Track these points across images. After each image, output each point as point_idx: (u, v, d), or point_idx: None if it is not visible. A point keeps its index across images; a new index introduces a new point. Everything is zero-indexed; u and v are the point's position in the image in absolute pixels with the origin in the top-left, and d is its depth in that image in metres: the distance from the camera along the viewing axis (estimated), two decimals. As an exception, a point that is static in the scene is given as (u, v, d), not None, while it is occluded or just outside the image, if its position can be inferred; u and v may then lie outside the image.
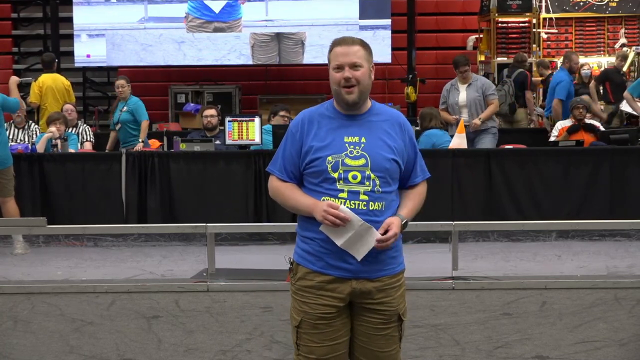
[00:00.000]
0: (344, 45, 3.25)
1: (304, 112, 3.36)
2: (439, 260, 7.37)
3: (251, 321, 5.90)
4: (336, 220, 3.13)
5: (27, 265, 7.85)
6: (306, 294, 3.31)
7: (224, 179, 8.70)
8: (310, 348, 3.30)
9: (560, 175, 8.71)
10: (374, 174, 3.21)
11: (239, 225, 8.18)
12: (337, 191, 3.20)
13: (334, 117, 3.29)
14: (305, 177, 3.29)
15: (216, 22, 15.20)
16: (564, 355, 5.10)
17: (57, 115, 9.66)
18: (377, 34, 14.89)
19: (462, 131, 9.06)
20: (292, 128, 3.32)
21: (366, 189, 3.20)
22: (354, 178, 3.20)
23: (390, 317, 3.31)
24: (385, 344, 3.31)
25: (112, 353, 5.24)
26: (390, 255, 3.30)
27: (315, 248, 3.27)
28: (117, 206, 8.66)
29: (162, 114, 15.49)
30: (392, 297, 3.30)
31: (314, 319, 3.28)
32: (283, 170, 3.32)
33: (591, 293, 6.52)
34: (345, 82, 3.21)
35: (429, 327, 5.70)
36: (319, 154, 3.22)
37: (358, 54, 3.24)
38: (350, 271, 3.23)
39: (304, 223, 3.31)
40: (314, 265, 3.28)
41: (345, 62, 3.22)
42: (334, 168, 3.20)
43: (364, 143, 3.24)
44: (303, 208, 3.26)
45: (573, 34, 15.56)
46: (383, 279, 3.28)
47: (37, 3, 16.54)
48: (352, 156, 3.22)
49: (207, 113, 9.63)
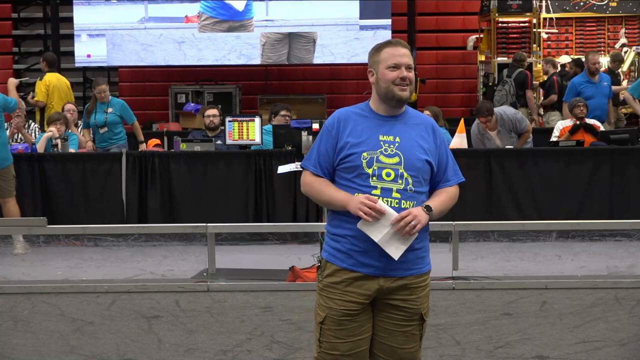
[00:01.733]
0: (397, 47, 3.39)
1: (339, 110, 3.45)
2: (439, 260, 7.30)
3: (251, 321, 5.90)
4: (372, 212, 3.18)
5: (27, 265, 7.85)
6: (333, 291, 3.34)
7: (225, 179, 8.70)
8: (333, 344, 3.35)
9: (560, 176, 8.71)
10: (407, 173, 3.29)
11: (239, 225, 8.19)
12: (370, 187, 3.27)
13: (369, 117, 3.39)
14: (339, 173, 3.35)
15: (232, 22, 15.19)
16: (564, 355, 5.10)
17: (58, 115, 9.66)
18: (377, 34, 14.88)
19: (462, 131, 9.06)
20: (328, 125, 3.40)
21: (399, 187, 3.28)
22: (387, 175, 3.28)
23: (412, 315, 3.36)
24: (405, 341, 3.38)
25: (112, 353, 5.24)
26: (419, 255, 3.35)
27: (345, 246, 3.31)
28: (117, 206, 8.66)
29: (162, 114, 15.50)
30: (416, 296, 3.36)
31: (339, 315, 3.33)
32: (317, 166, 3.38)
33: (591, 293, 6.52)
34: (401, 80, 3.34)
35: (429, 327, 5.62)
36: (355, 149, 3.30)
37: (410, 57, 3.40)
38: (379, 269, 3.29)
39: (334, 221, 3.36)
40: (343, 263, 3.32)
41: (402, 63, 3.36)
42: (369, 164, 3.28)
43: (398, 142, 3.33)
44: (337, 202, 3.31)
45: (573, 34, 15.57)
46: (409, 278, 3.34)
47: (37, 3, 16.54)
48: (386, 154, 3.30)
49: (210, 113, 9.63)
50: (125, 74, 16.41)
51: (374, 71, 3.40)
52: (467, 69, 16.07)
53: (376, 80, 3.39)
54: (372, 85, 3.43)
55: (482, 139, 9.56)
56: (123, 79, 16.47)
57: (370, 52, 3.46)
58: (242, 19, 15.20)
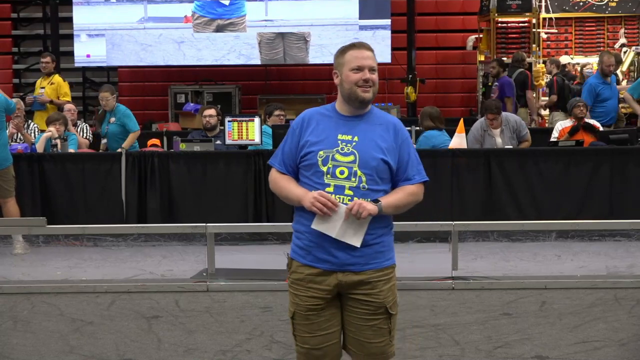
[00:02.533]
0: (361, 49, 3.50)
1: (306, 111, 3.59)
2: (438, 260, 7.37)
3: (251, 321, 5.90)
4: (324, 208, 3.32)
5: (27, 265, 7.85)
6: (298, 287, 3.50)
7: (224, 179, 8.70)
8: (304, 338, 3.51)
9: (560, 175, 8.70)
10: (360, 171, 3.40)
11: (239, 225, 8.19)
12: (324, 185, 3.40)
13: (332, 117, 3.51)
14: (300, 171, 3.50)
15: (220, 20, 15.20)
16: (563, 355, 5.10)
17: (57, 115, 9.67)
18: (377, 34, 14.89)
19: (461, 131, 9.05)
20: (294, 125, 3.54)
21: (352, 184, 3.40)
22: (341, 173, 3.40)
23: (376, 309, 3.45)
24: (372, 335, 3.47)
25: (112, 353, 5.24)
26: (376, 250, 3.45)
27: (304, 242, 3.47)
28: (116, 206, 8.66)
29: (162, 114, 15.50)
30: (378, 290, 3.45)
31: (304, 310, 3.48)
32: (282, 164, 3.54)
33: (591, 293, 6.52)
34: (364, 82, 3.45)
35: (429, 327, 5.70)
36: (313, 148, 3.44)
37: (373, 59, 3.51)
38: (335, 264, 3.42)
39: (296, 217, 3.53)
40: (304, 259, 3.48)
41: (365, 65, 3.46)
42: (324, 162, 3.41)
43: (356, 142, 3.44)
44: (293, 197, 3.47)
45: (573, 34, 15.58)
46: (368, 272, 3.44)
47: (37, 3, 16.55)
48: (342, 152, 3.42)
49: (207, 113, 9.64)
50: (124, 74, 16.41)
51: (339, 73, 3.51)
52: (467, 69, 16.08)
53: (340, 81, 3.50)
54: (337, 86, 3.54)
55: (483, 136, 9.53)
56: (122, 79, 16.47)
57: (335, 55, 3.57)
58: (230, 17, 15.18)
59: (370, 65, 3.47)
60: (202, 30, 15.24)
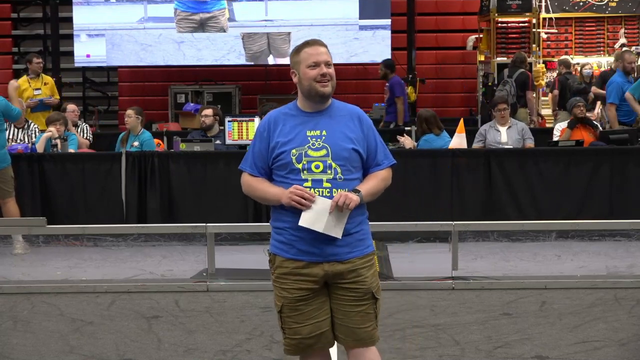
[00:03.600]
0: (314, 46, 3.60)
1: (270, 113, 3.70)
2: (438, 260, 7.37)
3: (251, 321, 5.90)
4: (302, 200, 3.42)
5: (27, 265, 7.85)
6: (284, 281, 3.57)
7: (224, 179, 8.69)
8: (295, 329, 3.58)
9: (560, 175, 8.70)
10: (335, 163, 3.52)
11: (239, 225, 8.19)
12: (302, 181, 3.50)
13: (297, 115, 3.61)
14: (274, 172, 3.58)
15: (201, 13, 15.18)
16: (563, 355, 5.10)
17: (57, 115, 9.66)
18: (376, 34, 14.89)
19: (462, 131, 9.05)
20: (260, 128, 3.64)
21: (328, 177, 3.50)
22: (316, 168, 3.51)
23: (363, 294, 3.56)
24: (360, 321, 3.56)
25: (112, 353, 5.24)
26: (357, 238, 3.57)
27: (287, 237, 3.55)
28: (117, 206, 8.66)
29: (162, 114, 15.50)
30: (363, 276, 3.56)
31: (294, 301, 3.55)
32: (254, 167, 3.62)
33: (591, 293, 6.52)
34: (321, 77, 3.54)
35: (429, 327, 5.70)
36: (284, 148, 3.53)
37: (328, 54, 3.60)
38: (320, 255, 3.52)
39: (275, 215, 3.60)
40: (287, 253, 3.55)
41: (321, 60, 3.56)
42: (298, 159, 3.51)
43: (325, 136, 3.54)
44: (271, 197, 3.56)
45: (573, 34, 15.58)
46: (353, 260, 3.55)
47: (37, 3, 16.55)
48: (314, 148, 3.52)
49: (204, 113, 9.66)
50: (124, 74, 16.41)
51: (296, 71, 3.62)
52: (467, 69, 16.07)
53: (299, 79, 3.61)
54: (296, 85, 3.63)
55: (488, 130, 9.54)
56: (122, 79, 16.47)
57: (291, 54, 3.68)
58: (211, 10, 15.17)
59: (326, 60, 3.56)
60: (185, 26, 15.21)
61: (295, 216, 3.47)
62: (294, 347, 3.61)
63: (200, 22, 15.19)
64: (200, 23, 15.20)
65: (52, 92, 11.53)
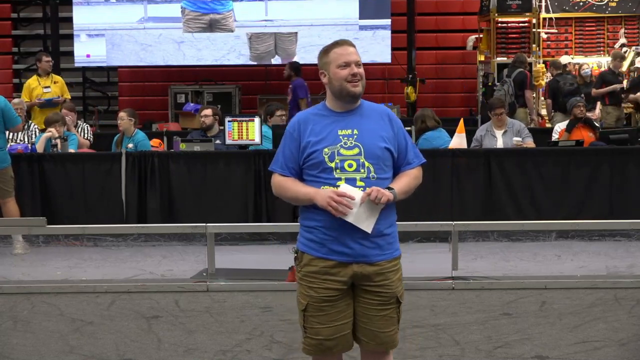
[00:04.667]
0: (343, 46, 3.60)
1: (299, 114, 3.69)
2: (438, 260, 7.37)
3: (251, 321, 5.90)
4: (338, 207, 3.39)
5: (27, 265, 7.85)
6: (311, 279, 3.54)
7: (224, 179, 8.70)
8: (317, 330, 3.55)
9: (560, 175, 8.70)
10: (367, 162, 3.50)
11: (239, 225, 8.19)
12: (335, 179, 3.48)
13: (327, 115, 3.60)
14: (305, 171, 3.56)
15: (212, 14, 15.18)
16: (563, 355, 5.10)
17: (56, 116, 9.65)
18: (376, 34, 14.89)
19: (462, 131, 9.05)
20: (289, 129, 3.62)
21: (362, 175, 3.48)
22: (349, 166, 3.49)
23: (388, 299, 3.56)
24: (384, 325, 3.56)
25: (112, 353, 5.24)
26: (388, 241, 3.56)
27: (318, 236, 3.51)
28: (117, 206, 8.66)
29: (162, 114, 15.50)
30: (390, 280, 3.55)
31: (319, 301, 3.52)
32: (284, 167, 3.60)
33: (591, 293, 6.52)
34: (352, 77, 3.53)
35: (429, 327, 5.70)
36: (316, 147, 3.51)
37: (357, 54, 3.60)
38: (350, 256, 3.49)
39: (306, 213, 3.56)
40: (317, 252, 3.52)
41: (351, 60, 3.56)
42: (331, 158, 3.49)
43: (357, 134, 3.53)
44: (303, 196, 3.53)
45: (573, 34, 15.57)
46: (381, 263, 3.54)
47: (37, 3, 16.55)
48: (346, 147, 3.51)
49: (203, 113, 9.66)
50: (124, 74, 16.41)
51: (326, 72, 3.62)
52: (467, 69, 16.07)
53: (329, 80, 3.60)
54: (325, 85, 3.64)
55: (484, 136, 9.53)
56: (122, 79, 16.47)
57: (319, 55, 3.69)
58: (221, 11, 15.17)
59: (356, 60, 3.56)
60: (193, 26, 15.21)
61: (327, 215, 3.44)
62: (314, 347, 3.58)
63: (210, 23, 15.19)
64: (210, 24, 15.20)
65: (62, 92, 11.54)
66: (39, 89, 11.38)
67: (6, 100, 8.47)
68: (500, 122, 9.53)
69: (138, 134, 9.71)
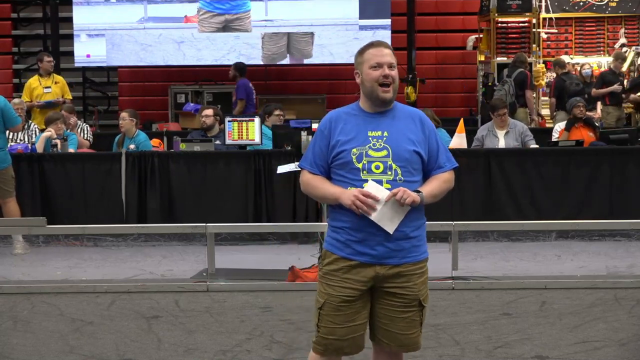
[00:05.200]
0: (379, 47, 3.58)
1: (331, 112, 3.67)
2: (438, 260, 7.32)
3: (251, 321, 5.90)
4: (363, 206, 3.39)
5: (27, 265, 7.85)
6: (332, 278, 3.53)
7: (224, 179, 8.70)
8: (331, 329, 3.54)
9: (560, 175, 8.70)
10: (395, 164, 3.49)
11: (239, 225, 8.19)
12: (361, 181, 3.48)
13: (359, 115, 3.59)
14: (333, 170, 3.56)
15: (227, 15, 15.18)
16: (563, 355, 5.10)
17: (56, 115, 9.65)
18: (376, 34, 14.87)
19: (462, 131, 9.05)
20: (321, 126, 3.63)
21: (388, 178, 3.48)
22: (376, 168, 3.48)
23: (410, 301, 3.54)
24: (406, 327, 3.55)
25: (112, 353, 5.24)
26: (414, 243, 3.53)
27: (344, 236, 3.51)
28: (117, 206, 8.66)
29: (162, 114, 15.49)
30: (413, 283, 3.53)
31: (337, 301, 3.51)
32: (314, 165, 3.60)
33: (591, 293, 6.52)
34: (384, 79, 3.52)
35: (429, 327, 5.69)
36: (345, 146, 3.51)
37: (392, 56, 3.58)
38: (374, 257, 3.48)
39: (334, 214, 3.57)
40: (341, 252, 3.52)
41: (384, 62, 3.54)
42: (359, 159, 3.49)
43: (386, 136, 3.52)
44: (330, 196, 3.54)
45: (573, 34, 15.57)
46: (405, 266, 3.52)
47: (37, 3, 16.54)
48: (375, 148, 3.50)
49: (204, 113, 9.66)
50: (124, 74, 16.40)
51: (360, 72, 3.60)
52: (467, 69, 16.07)
53: (362, 80, 3.59)
54: (359, 85, 3.63)
55: (486, 136, 9.52)
56: (122, 79, 16.46)
57: (355, 55, 3.66)
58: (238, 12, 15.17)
59: (389, 61, 3.54)
60: (208, 26, 15.21)
61: (353, 216, 3.45)
62: (324, 346, 3.56)
63: (225, 23, 15.18)
64: (225, 25, 15.19)
65: (62, 92, 11.54)
66: (39, 89, 11.38)
67: (6, 100, 8.47)
68: (502, 123, 9.53)
69: (139, 134, 9.71)
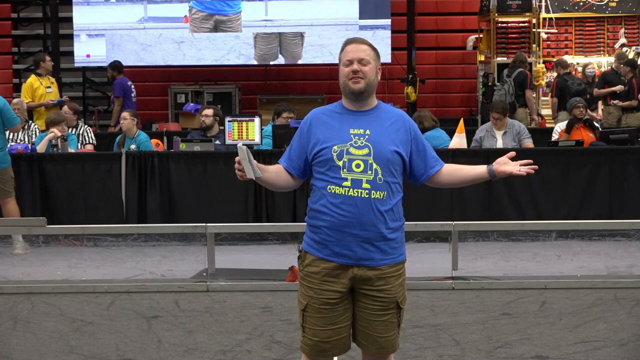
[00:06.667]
0: (354, 44, 3.58)
1: (314, 110, 3.68)
2: (438, 260, 7.37)
3: (251, 321, 5.90)
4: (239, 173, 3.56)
5: (27, 265, 7.85)
6: (312, 280, 3.54)
7: (224, 179, 8.69)
8: (314, 331, 3.55)
9: (560, 176, 8.70)
10: (376, 164, 3.47)
11: (239, 225, 8.19)
12: (341, 179, 3.46)
13: (341, 113, 3.58)
14: (314, 168, 3.56)
15: (217, 15, 15.18)
16: (563, 355, 5.10)
17: (59, 116, 9.62)
18: (376, 34, 14.88)
19: (461, 131, 9.05)
20: (303, 125, 3.62)
21: (368, 177, 3.45)
22: (357, 167, 3.46)
23: (388, 304, 3.54)
24: (384, 330, 3.55)
25: (112, 353, 5.24)
26: (392, 245, 3.54)
27: (321, 236, 3.51)
28: (117, 206, 8.66)
29: (162, 114, 15.49)
30: (391, 285, 3.54)
31: (319, 303, 3.52)
32: (288, 160, 3.64)
33: (591, 293, 6.52)
34: (353, 74, 3.51)
35: (429, 327, 5.70)
36: (326, 144, 3.50)
37: (367, 52, 3.56)
38: (352, 258, 3.48)
39: (312, 213, 3.56)
40: (319, 253, 3.52)
41: (354, 58, 3.53)
42: (339, 156, 3.47)
43: (369, 135, 3.50)
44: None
45: (573, 34, 15.57)
46: (383, 268, 3.52)
47: (37, 3, 16.53)
48: (356, 146, 3.48)
49: (204, 113, 9.66)
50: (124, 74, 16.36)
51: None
52: (467, 69, 16.07)
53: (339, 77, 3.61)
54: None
55: (484, 137, 9.53)
56: (122, 79, 16.43)
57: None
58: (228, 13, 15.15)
59: (359, 57, 3.53)
60: (199, 26, 15.20)
61: (332, 216, 3.45)
62: (310, 347, 3.58)
63: (215, 24, 15.16)
64: (215, 25, 15.17)
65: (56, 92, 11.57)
66: (42, 89, 11.37)
67: (5, 100, 8.47)
68: (498, 126, 9.53)
69: (140, 134, 9.70)
